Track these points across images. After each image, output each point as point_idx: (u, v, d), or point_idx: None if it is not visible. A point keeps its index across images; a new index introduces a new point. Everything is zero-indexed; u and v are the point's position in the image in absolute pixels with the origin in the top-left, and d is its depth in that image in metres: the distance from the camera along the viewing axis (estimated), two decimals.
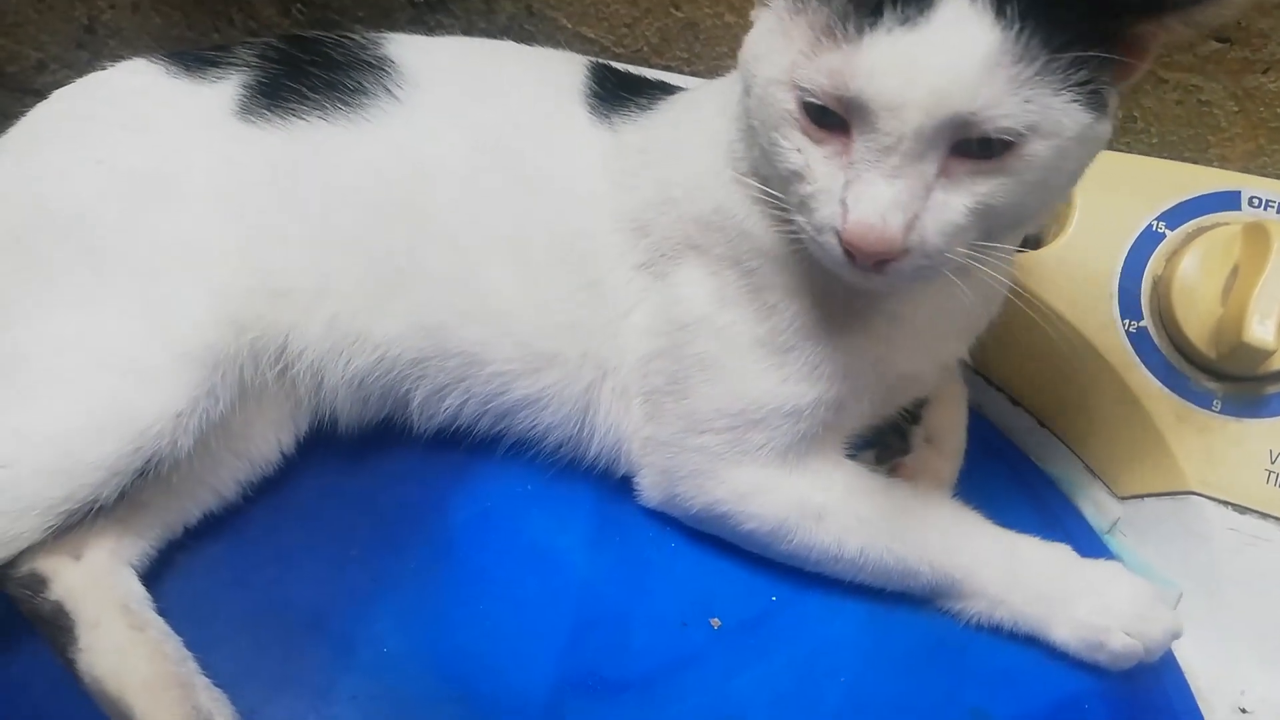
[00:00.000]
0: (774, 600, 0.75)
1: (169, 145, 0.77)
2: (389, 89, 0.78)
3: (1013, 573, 0.72)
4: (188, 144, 0.77)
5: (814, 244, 0.60)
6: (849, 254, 0.57)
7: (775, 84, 0.59)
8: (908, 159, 0.55)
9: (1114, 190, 0.88)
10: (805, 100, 0.57)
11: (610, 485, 0.80)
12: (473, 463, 0.81)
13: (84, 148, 0.77)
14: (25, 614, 0.68)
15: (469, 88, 0.81)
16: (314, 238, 0.75)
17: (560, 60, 0.86)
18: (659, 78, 0.83)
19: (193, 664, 0.67)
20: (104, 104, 0.81)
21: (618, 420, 0.78)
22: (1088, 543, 0.81)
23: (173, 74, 0.80)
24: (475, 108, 0.79)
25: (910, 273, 0.58)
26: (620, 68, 0.84)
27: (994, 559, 0.72)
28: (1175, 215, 0.86)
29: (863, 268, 0.57)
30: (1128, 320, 0.84)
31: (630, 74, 0.83)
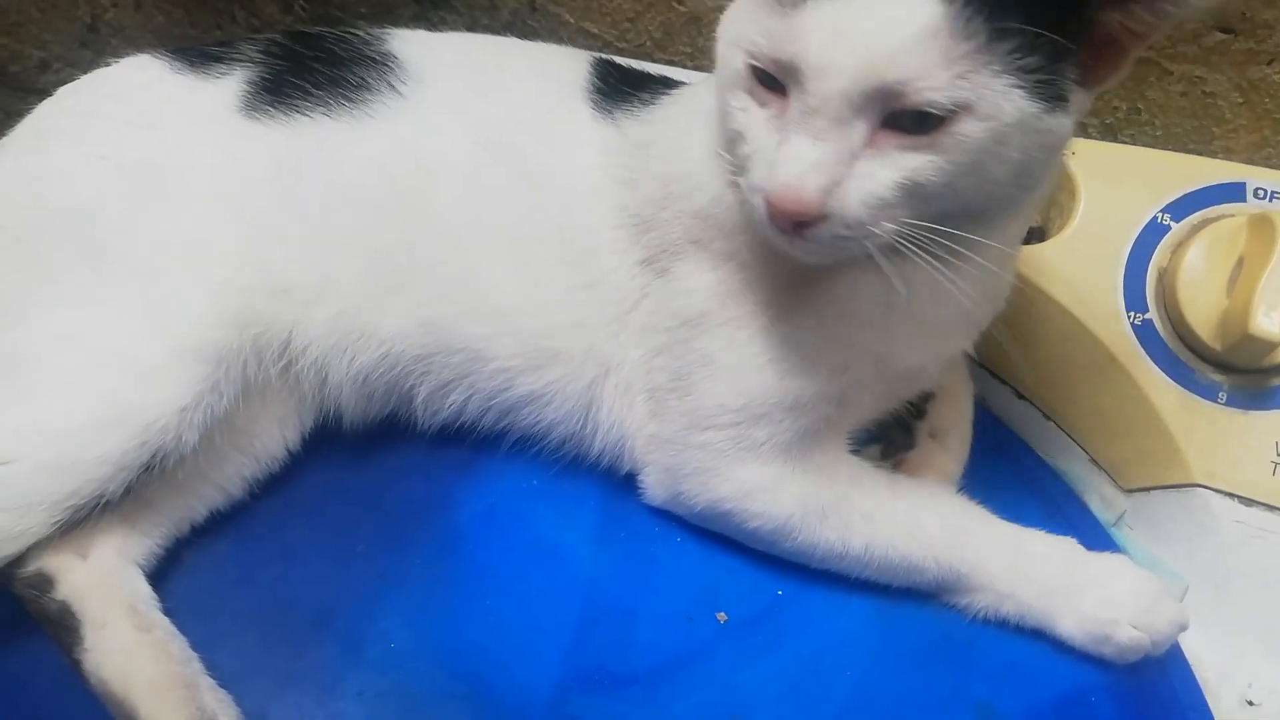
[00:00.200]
0: (780, 595, 0.75)
1: (172, 141, 0.77)
2: (392, 85, 0.78)
3: (1018, 567, 0.72)
4: (191, 140, 0.77)
5: (748, 207, 0.61)
6: (772, 217, 0.58)
7: (730, 46, 0.61)
8: (833, 123, 0.55)
9: (1119, 182, 0.88)
10: (751, 63, 0.59)
11: (616, 480, 0.80)
12: (478, 459, 0.81)
13: (87, 144, 0.77)
14: (32, 613, 0.68)
15: (472, 84, 0.81)
16: (317, 234, 0.76)
17: (563, 56, 0.86)
18: (662, 73, 0.83)
19: (198, 664, 0.67)
20: (108, 100, 0.81)
21: (621, 417, 0.78)
22: (1093, 536, 0.80)
23: (177, 70, 0.80)
24: (478, 104, 0.79)
25: (829, 241, 0.58)
26: (623, 63, 0.84)
27: (999, 553, 0.72)
28: (1180, 207, 0.86)
29: (783, 231, 0.58)
30: (1133, 313, 0.84)
31: (633, 69, 0.83)
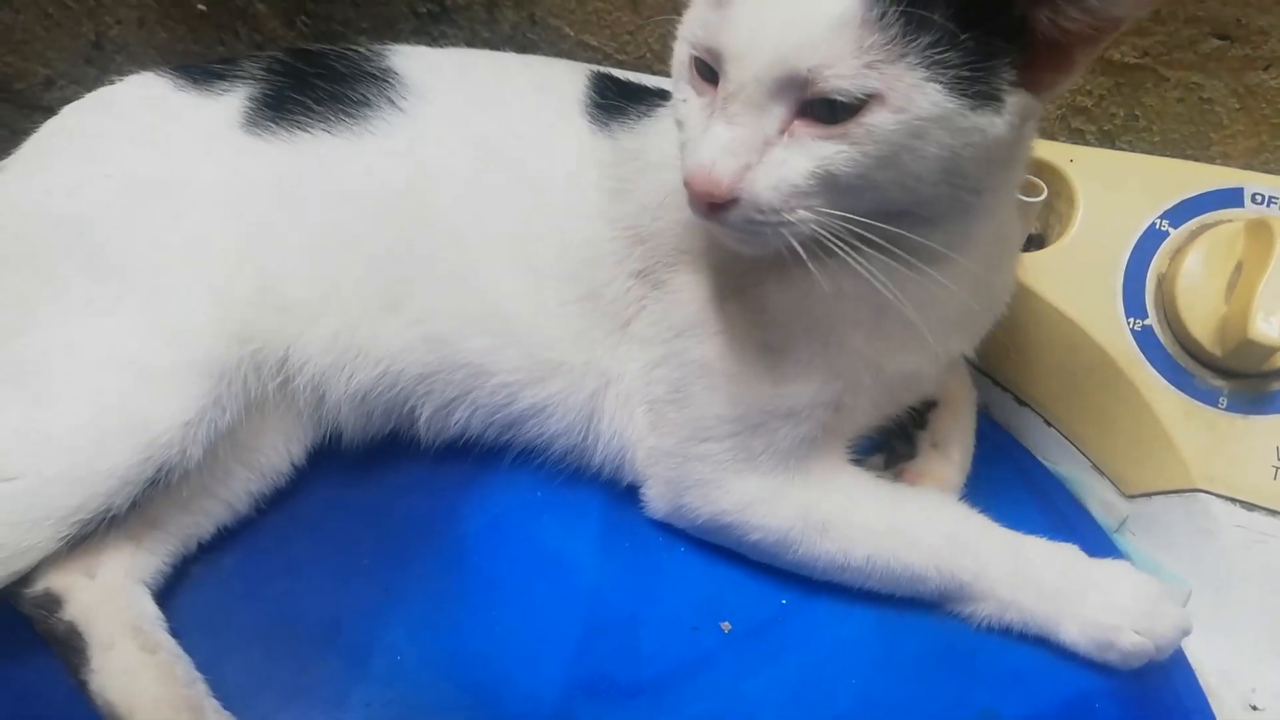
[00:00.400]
0: (784, 604, 0.75)
1: (176, 158, 0.78)
2: (393, 100, 0.79)
3: (1021, 574, 0.72)
4: (194, 157, 0.78)
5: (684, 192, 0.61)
6: (690, 199, 0.59)
7: (679, 41, 0.63)
8: (748, 109, 0.57)
9: (1117, 188, 0.88)
10: (692, 54, 0.60)
11: (619, 490, 0.81)
12: (481, 472, 0.82)
13: (93, 162, 0.78)
14: (40, 634, 0.68)
15: (472, 98, 0.81)
16: (317, 249, 0.76)
17: (562, 70, 0.87)
18: (660, 86, 0.84)
19: (202, 686, 0.67)
20: (113, 118, 0.82)
21: (621, 427, 0.78)
22: (1095, 542, 0.80)
23: (180, 87, 0.81)
24: (477, 118, 0.80)
25: (742, 224, 0.58)
26: (622, 76, 0.84)
27: (1001, 561, 0.72)
28: (1178, 213, 0.86)
29: (701, 213, 0.59)
30: (1132, 318, 0.84)
31: (631, 83, 0.84)
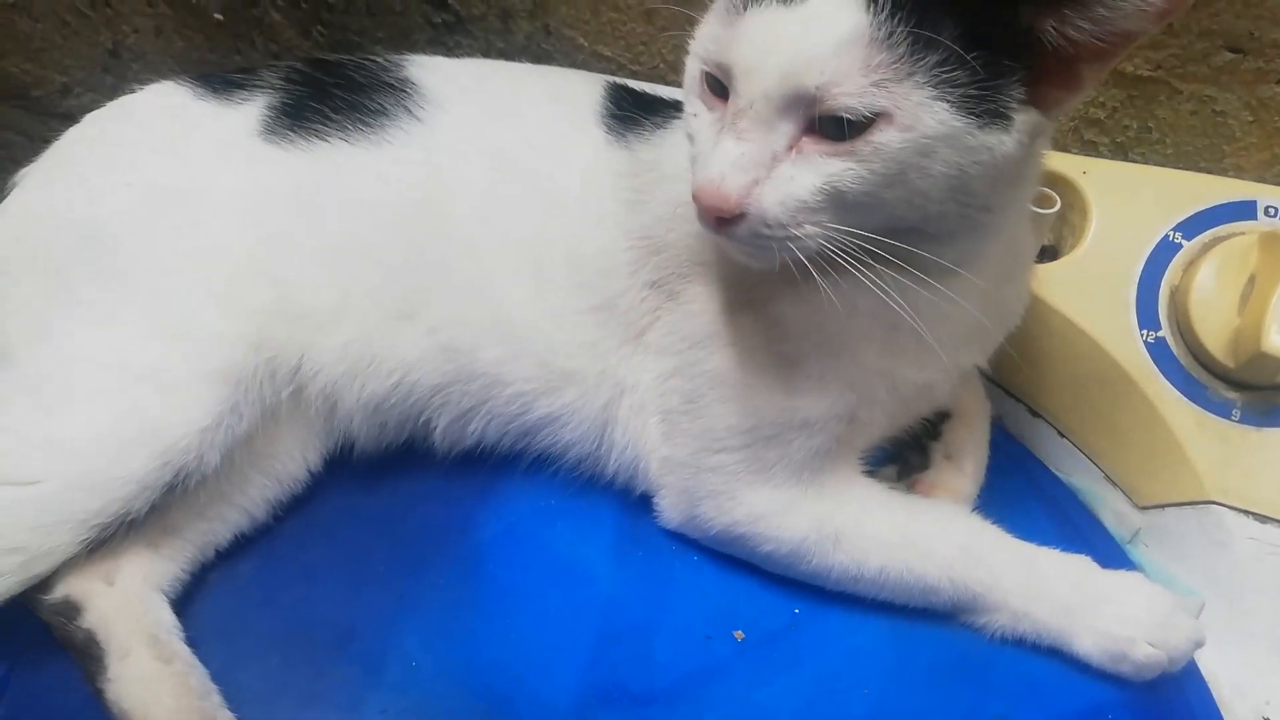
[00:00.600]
0: (797, 613, 0.75)
1: (195, 166, 0.78)
2: (410, 110, 0.80)
3: (1034, 586, 0.72)
4: (213, 165, 0.78)
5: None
6: (700, 213, 0.59)
7: (690, 56, 0.64)
8: (756, 124, 0.57)
9: (1130, 201, 0.88)
10: (703, 69, 0.61)
11: (633, 499, 0.81)
12: (496, 479, 0.82)
13: (113, 170, 0.79)
14: (58, 640, 0.69)
15: (488, 109, 0.82)
16: (333, 259, 0.77)
17: (578, 81, 0.87)
18: (675, 96, 0.84)
19: (217, 697, 0.68)
20: (133, 127, 0.83)
21: (635, 437, 0.79)
22: (1108, 553, 0.80)
23: (200, 96, 0.82)
24: (494, 129, 0.81)
25: (751, 240, 0.59)
26: (637, 87, 0.85)
27: (1014, 573, 0.72)
28: (1192, 225, 0.86)
29: (709, 226, 0.59)
30: (1146, 330, 0.85)
31: (646, 94, 0.84)
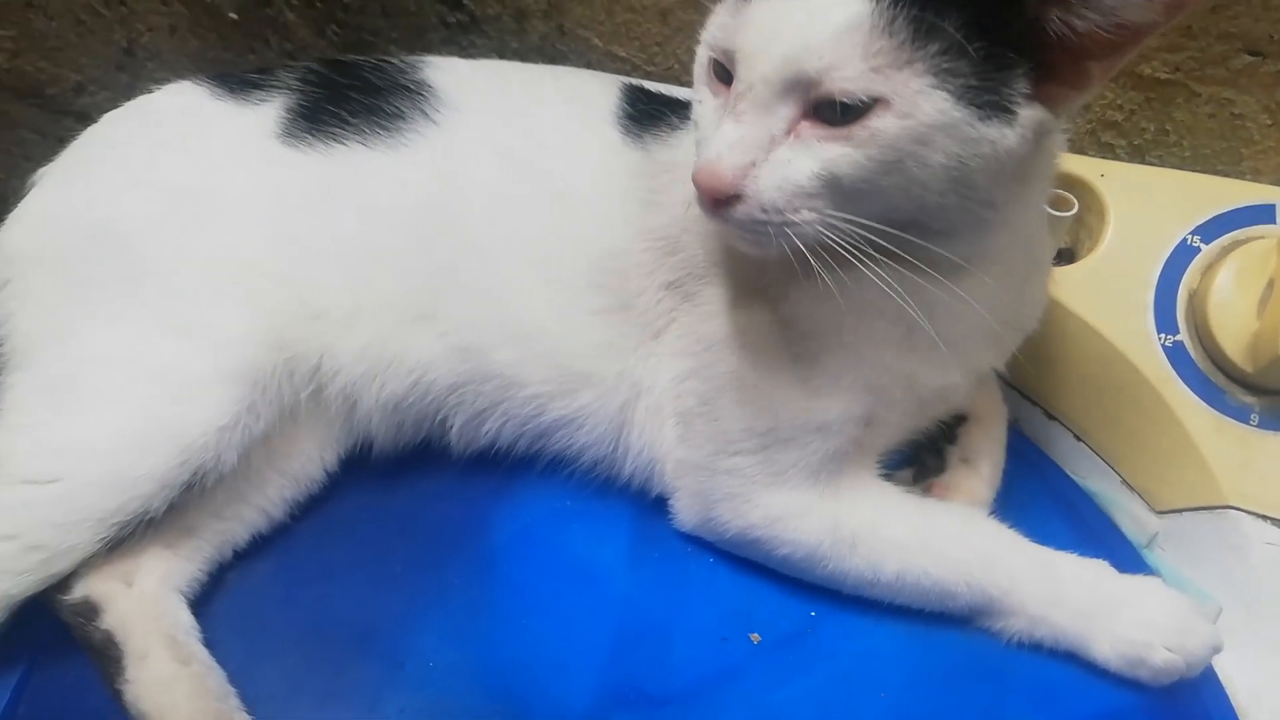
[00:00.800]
0: (813, 615, 0.75)
1: (213, 167, 0.79)
2: (426, 113, 0.80)
3: (1051, 590, 0.71)
4: (231, 165, 0.79)
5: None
6: (698, 196, 0.59)
7: (700, 45, 0.64)
8: (756, 108, 0.58)
9: (1148, 204, 0.88)
10: (710, 56, 0.62)
11: (649, 500, 0.81)
12: (513, 480, 0.83)
13: (131, 170, 0.79)
14: (77, 640, 0.69)
15: (504, 111, 0.82)
16: (351, 260, 0.77)
17: (594, 82, 0.87)
18: (690, 97, 0.84)
19: (235, 700, 0.68)
20: (150, 126, 0.83)
21: (651, 439, 0.79)
22: (1125, 558, 0.80)
23: (217, 96, 0.82)
24: (510, 130, 0.81)
25: (747, 223, 0.59)
26: (653, 87, 0.85)
27: (1031, 577, 0.72)
28: (1210, 229, 0.86)
29: (707, 209, 0.60)
30: (1163, 334, 0.84)
31: (662, 94, 0.84)
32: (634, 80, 0.86)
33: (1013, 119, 0.57)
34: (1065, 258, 0.90)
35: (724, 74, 0.61)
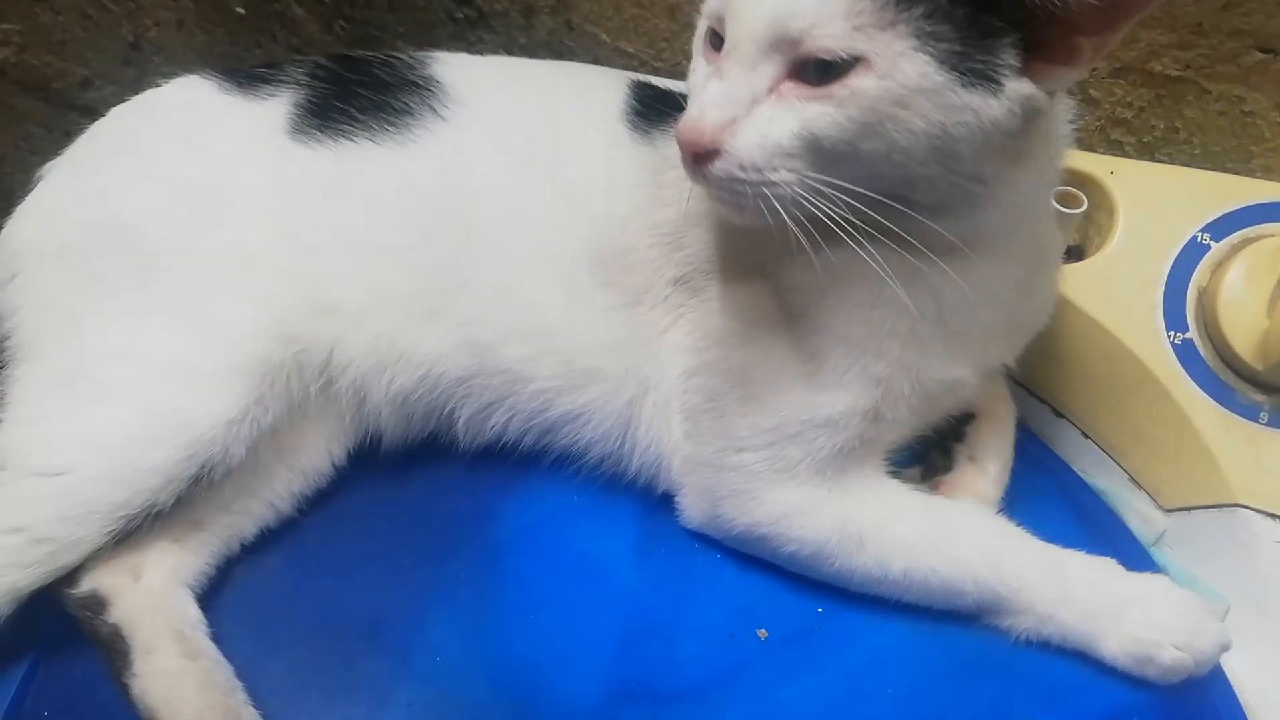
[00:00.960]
0: (820, 612, 0.75)
1: (221, 161, 0.79)
2: (434, 109, 0.80)
3: (1059, 588, 0.71)
4: (240, 160, 0.79)
5: None
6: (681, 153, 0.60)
7: (700, 16, 0.65)
8: (740, 65, 0.58)
9: (1158, 201, 0.88)
10: (707, 24, 0.63)
11: (656, 496, 0.81)
12: (520, 475, 0.83)
13: (140, 164, 0.79)
14: (85, 634, 0.69)
15: (513, 107, 0.82)
16: (361, 255, 0.77)
17: (602, 78, 0.87)
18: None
19: (242, 694, 0.68)
20: (159, 121, 0.83)
21: (658, 435, 0.79)
22: (1133, 556, 0.80)
23: (225, 90, 0.82)
24: (519, 127, 0.81)
25: (725, 180, 0.59)
26: (660, 83, 0.85)
27: (1039, 575, 0.72)
28: (1220, 226, 0.86)
29: (688, 166, 0.60)
30: (1173, 332, 0.84)
31: (670, 90, 0.84)
32: (642, 76, 0.86)
33: (998, 89, 0.57)
34: (1074, 255, 0.90)
35: (719, 42, 0.61)
